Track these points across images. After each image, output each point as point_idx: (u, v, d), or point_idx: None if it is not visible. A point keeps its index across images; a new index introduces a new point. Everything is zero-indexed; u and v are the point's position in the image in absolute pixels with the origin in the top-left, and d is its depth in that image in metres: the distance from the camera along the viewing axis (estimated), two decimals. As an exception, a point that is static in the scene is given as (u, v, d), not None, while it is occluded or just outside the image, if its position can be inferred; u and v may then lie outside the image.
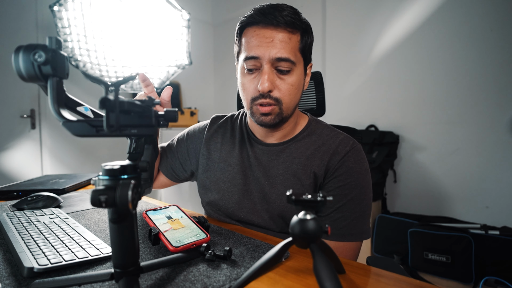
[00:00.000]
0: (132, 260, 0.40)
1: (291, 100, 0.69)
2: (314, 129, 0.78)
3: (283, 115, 0.70)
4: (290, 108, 0.70)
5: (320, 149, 0.73)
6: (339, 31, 2.48)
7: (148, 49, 1.98)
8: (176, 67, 2.12)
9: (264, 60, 0.66)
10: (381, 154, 2.13)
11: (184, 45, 2.10)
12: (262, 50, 0.65)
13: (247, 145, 0.80)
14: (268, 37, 0.65)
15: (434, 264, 1.65)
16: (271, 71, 0.66)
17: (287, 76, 0.67)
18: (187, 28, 2.08)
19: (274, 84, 0.67)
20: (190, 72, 2.84)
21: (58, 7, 1.70)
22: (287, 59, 0.65)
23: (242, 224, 0.78)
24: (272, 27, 0.65)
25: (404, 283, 0.46)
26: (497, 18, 1.82)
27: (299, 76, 0.69)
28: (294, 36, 0.67)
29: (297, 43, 0.67)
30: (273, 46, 0.65)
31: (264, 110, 0.68)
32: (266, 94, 0.67)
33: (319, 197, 0.40)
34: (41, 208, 0.80)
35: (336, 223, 0.68)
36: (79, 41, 1.79)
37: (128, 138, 0.45)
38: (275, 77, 0.67)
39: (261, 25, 0.66)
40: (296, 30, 0.67)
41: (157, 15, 1.95)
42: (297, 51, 0.68)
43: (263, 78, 0.66)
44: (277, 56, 0.65)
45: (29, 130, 2.20)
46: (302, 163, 0.73)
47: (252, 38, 0.67)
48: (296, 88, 0.69)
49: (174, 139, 0.92)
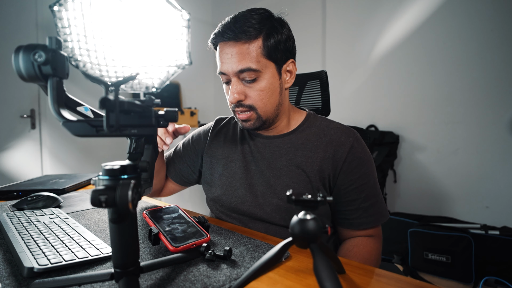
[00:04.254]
0: (132, 260, 0.40)
1: (265, 104, 0.72)
2: (313, 122, 0.81)
3: (262, 119, 0.74)
4: (268, 111, 0.74)
5: (322, 140, 0.76)
6: (339, 31, 2.48)
7: (148, 49, 1.98)
8: (176, 67, 2.12)
9: (230, 74, 0.71)
10: (381, 154, 2.13)
11: (184, 45, 2.10)
12: (226, 66, 0.71)
13: (248, 139, 0.84)
14: (227, 53, 0.70)
15: (434, 264, 1.65)
16: (238, 82, 0.71)
17: (254, 83, 0.71)
18: (187, 28, 2.08)
19: (243, 93, 0.71)
20: (190, 72, 2.84)
21: (58, 7, 1.69)
22: (248, 68, 0.69)
23: (246, 218, 0.79)
24: (231, 42, 0.69)
25: (404, 283, 0.46)
26: (497, 18, 1.82)
27: (269, 79, 0.71)
28: (253, 45, 0.69)
29: (258, 50, 0.69)
30: (233, 61, 0.69)
31: (242, 117, 0.74)
32: (238, 104, 0.72)
33: (319, 197, 0.40)
34: (41, 208, 0.80)
35: (368, 211, 0.73)
36: (79, 41, 1.79)
37: (128, 138, 0.45)
38: (243, 87, 0.71)
39: (222, 43, 0.71)
40: (254, 38, 0.68)
41: (157, 15, 1.95)
42: (261, 57, 0.69)
43: (231, 90, 0.72)
44: (238, 69, 0.69)
45: (29, 130, 2.20)
46: (306, 155, 0.75)
47: (219, 55, 0.73)
48: (267, 91, 0.72)
49: (178, 145, 0.95)
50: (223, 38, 0.70)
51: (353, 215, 0.73)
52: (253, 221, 0.78)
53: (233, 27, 0.68)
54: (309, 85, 1.04)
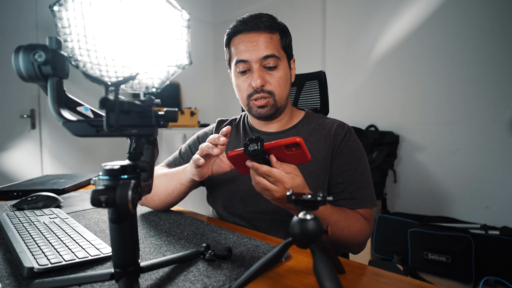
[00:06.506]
0: (132, 260, 0.40)
1: (282, 91, 0.79)
2: (312, 119, 0.87)
3: (277, 105, 0.80)
4: (282, 98, 0.80)
5: (321, 133, 0.82)
6: (339, 31, 2.48)
7: (148, 49, 1.98)
8: (176, 67, 2.12)
9: (252, 61, 0.76)
10: (381, 154, 2.13)
11: (184, 45, 2.10)
12: (249, 53, 0.76)
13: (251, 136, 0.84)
14: (252, 41, 0.76)
15: (434, 264, 1.65)
16: (260, 69, 0.76)
17: (275, 71, 0.77)
18: (187, 28, 2.08)
19: (265, 79, 0.77)
20: (190, 72, 2.84)
21: (58, 7, 1.70)
22: (273, 55, 0.76)
23: (249, 214, 0.79)
24: (254, 32, 0.76)
25: (404, 283, 0.46)
26: (497, 18, 1.82)
27: (285, 70, 0.80)
28: (274, 36, 0.77)
29: (278, 42, 0.78)
30: (258, 48, 0.75)
31: (260, 103, 0.78)
32: (260, 89, 0.77)
33: (319, 197, 0.40)
34: (41, 208, 0.80)
35: (353, 194, 0.76)
36: (79, 41, 1.79)
37: (128, 138, 0.45)
38: (265, 73, 0.77)
39: (245, 32, 0.77)
40: (275, 31, 0.77)
41: (157, 15, 1.95)
42: (280, 48, 0.78)
43: (255, 75, 0.76)
44: (264, 54, 0.75)
45: (29, 130, 2.20)
46: (308, 147, 0.78)
47: (239, 45, 0.77)
48: (284, 80, 0.79)
49: (181, 148, 0.94)
50: (247, 27, 0.76)
51: (338, 197, 0.76)
52: (256, 217, 0.79)
53: (256, 20, 0.75)
54: (308, 85, 1.04)
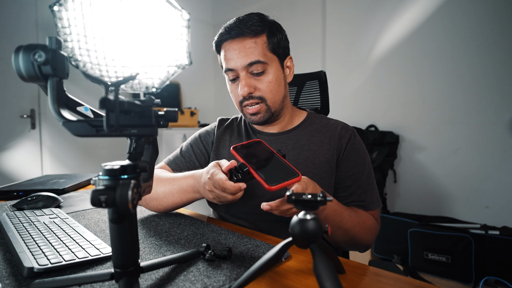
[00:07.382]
0: (132, 260, 0.40)
1: (274, 95, 0.78)
2: (314, 120, 0.86)
3: (271, 110, 0.78)
4: (276, 102, 0.79)
5: (325, 135, 0.81)
6: (339, 31, 2.48)
7: (148, 49, 1.98)
8: (176, 67, 2.12)
9: (238, 69, 0.75)
10: (381, 154, 2.13)
11: (184, 45, 2.10)
12: (234, 62, 0.75)
13: (253, 137, 0.85)
14: (236, 49, 0.74)
15: (434, 264, 1.65)
16: (247, 76, 0.75)
17: (263, 76, 0.76)
18: (187, 28, 2.08)
19: (253, 86, 0.76)
20: (190, 72, 2.84)
21: (58, 7, 1.70)
22: (257, 61, 0.74)
23: (252, 216, 0.78)
24: (238, 38, 0.74)
25: (404, 283, 0.46)
26: (497, 18, 1.82)
27: (275, 72, 0.77)
28: (259, 40, 0.75)
29: (264, 44, 0.75)
30: (242, 56, 0.74)
31: (252, 110, 0.78)
32: (248, 97, 0.76)
33: (319, 197, 0.40)
34: (41, 208, 0.80)
35: (362, 197, 0.77)
36: (79, 41, 1.79)
37: (128, 138, 0.45)
38: (252, 80, 0.76)
39: (229, 40, 0.76)
40: (260, 34, 0.75)
41: (157, 15, 1.95)
42: (267, 51, 0.76)
43: (241, 84, 0.75)
44: (247, 62, 0.74)
45: (29, 130, 2.20)
46: (312, 149, 0.79)
47: (225, 53, 0.77)
48: (275, 83, 0.77)
49: (182, 146, 0.92)
50: (230, 36, 0.75)
51: (346, 200, 0.77)
52: (260, 219, 0.77)
53: (239, 25, 0.74)
54: (308, 85, 1.04)
